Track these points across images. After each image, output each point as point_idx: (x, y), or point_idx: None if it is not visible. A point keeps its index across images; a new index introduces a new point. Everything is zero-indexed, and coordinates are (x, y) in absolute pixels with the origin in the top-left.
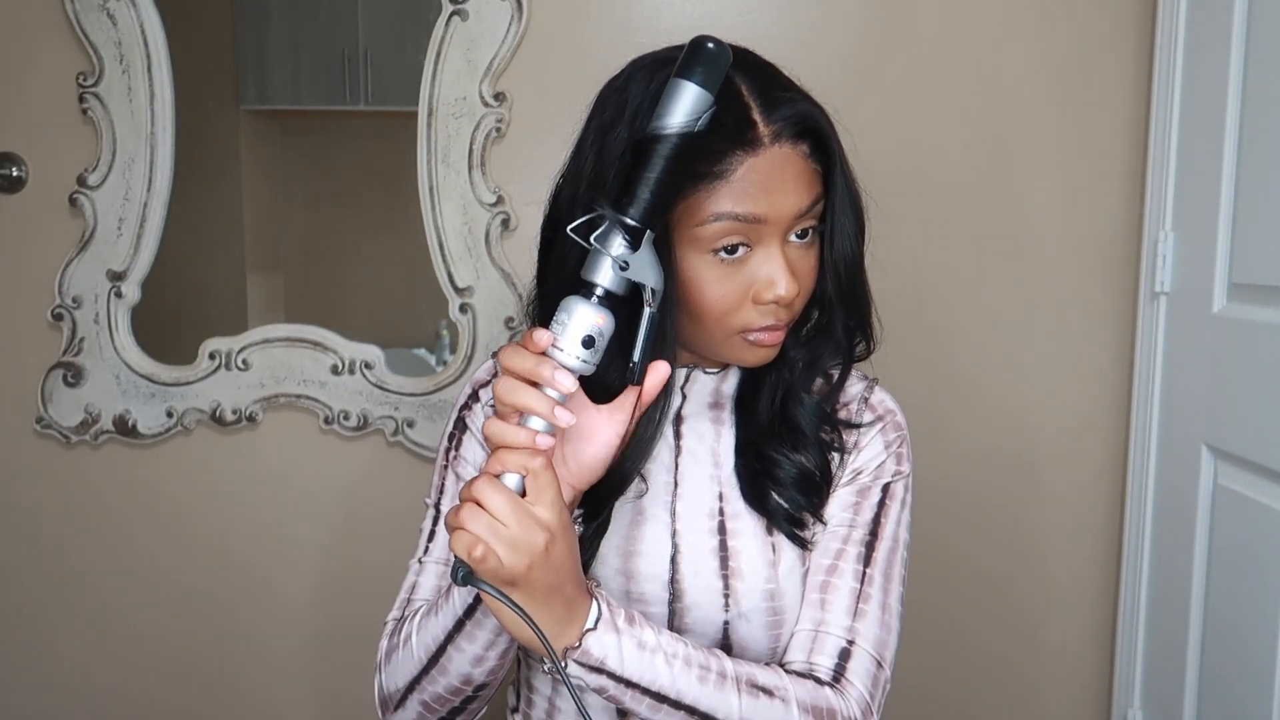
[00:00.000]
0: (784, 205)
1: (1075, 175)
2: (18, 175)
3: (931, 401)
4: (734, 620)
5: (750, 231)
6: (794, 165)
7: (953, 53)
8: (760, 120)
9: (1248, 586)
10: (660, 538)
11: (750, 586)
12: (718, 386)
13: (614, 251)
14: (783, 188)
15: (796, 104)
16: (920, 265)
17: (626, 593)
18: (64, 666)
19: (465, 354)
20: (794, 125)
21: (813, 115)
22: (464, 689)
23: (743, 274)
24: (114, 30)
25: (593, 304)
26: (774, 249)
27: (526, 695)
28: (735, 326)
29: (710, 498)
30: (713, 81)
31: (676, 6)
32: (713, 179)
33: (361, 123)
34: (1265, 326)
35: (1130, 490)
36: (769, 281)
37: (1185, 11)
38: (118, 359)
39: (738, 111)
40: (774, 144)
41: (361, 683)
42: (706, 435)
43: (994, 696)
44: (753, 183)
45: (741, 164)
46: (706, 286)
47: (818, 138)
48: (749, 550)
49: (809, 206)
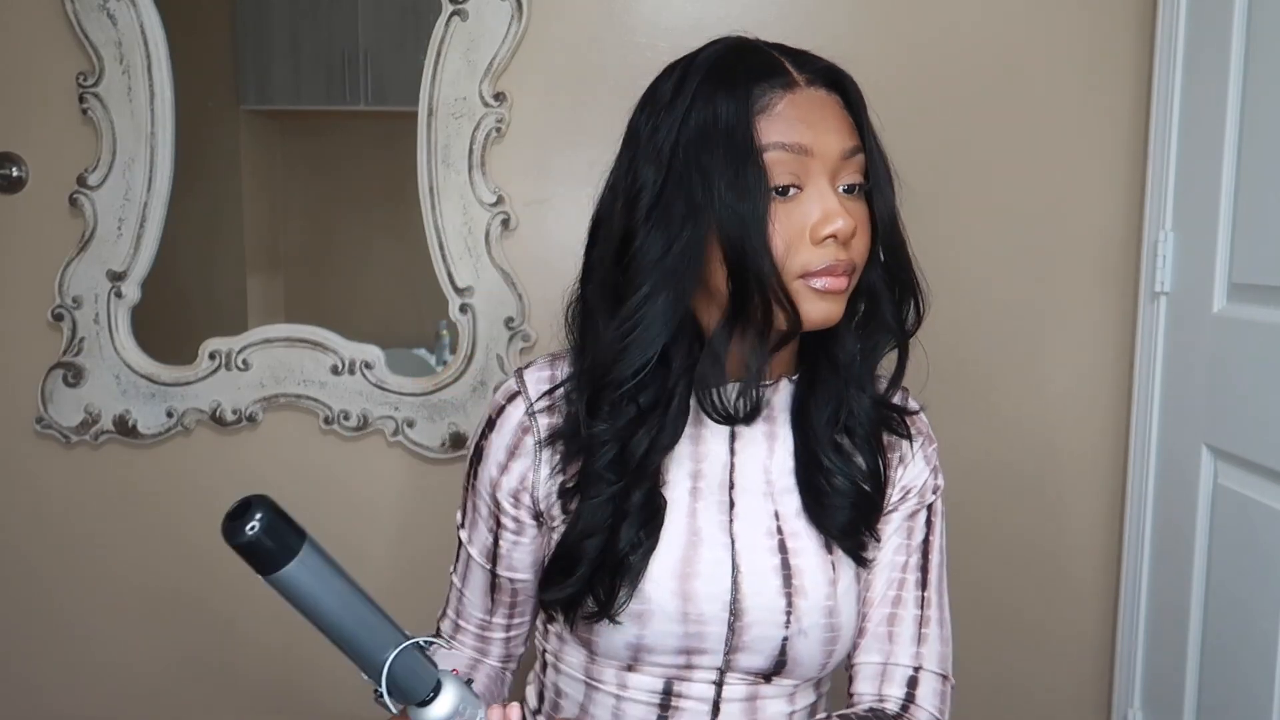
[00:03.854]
0: (828, 141)
1: (1075, 175)
2: (18, 175)
3: (930, 401)
4: (793, 637)
5: (799, 166)
6: (831, 108)
7: (952, 52)
8: (792, 69)
9: (1248, 586)
10: (720, 559)
11: (812, 604)
12: (770, 399)
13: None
14: (824, 124)
15: (822, 62)
16: (919, 265)
17: (684, 614)
18: (64, 665)
19: (465, 354)
20: (824, 75)
21: (841, 71)
22: None
23: (798, 213)
24: (114, 30)
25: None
26: (825, 186)
27: (553, 699)
28: (795, 269)
29: (767, 516)
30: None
31: (676, 6)
32: (755, 115)
33: (361, 123)
34: (1265, 326)
35: (1130, 490)
36: (825, 216)
37: (1185, 11)
38: (118, 359)
39: (770, 60)
40: (809, 86)
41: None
42: (760, 452)
43: (994, 696)
44: (794, 117)
45: (782, 99)
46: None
47: (848, 96)
48: (811, 568)
49: (852, 149)
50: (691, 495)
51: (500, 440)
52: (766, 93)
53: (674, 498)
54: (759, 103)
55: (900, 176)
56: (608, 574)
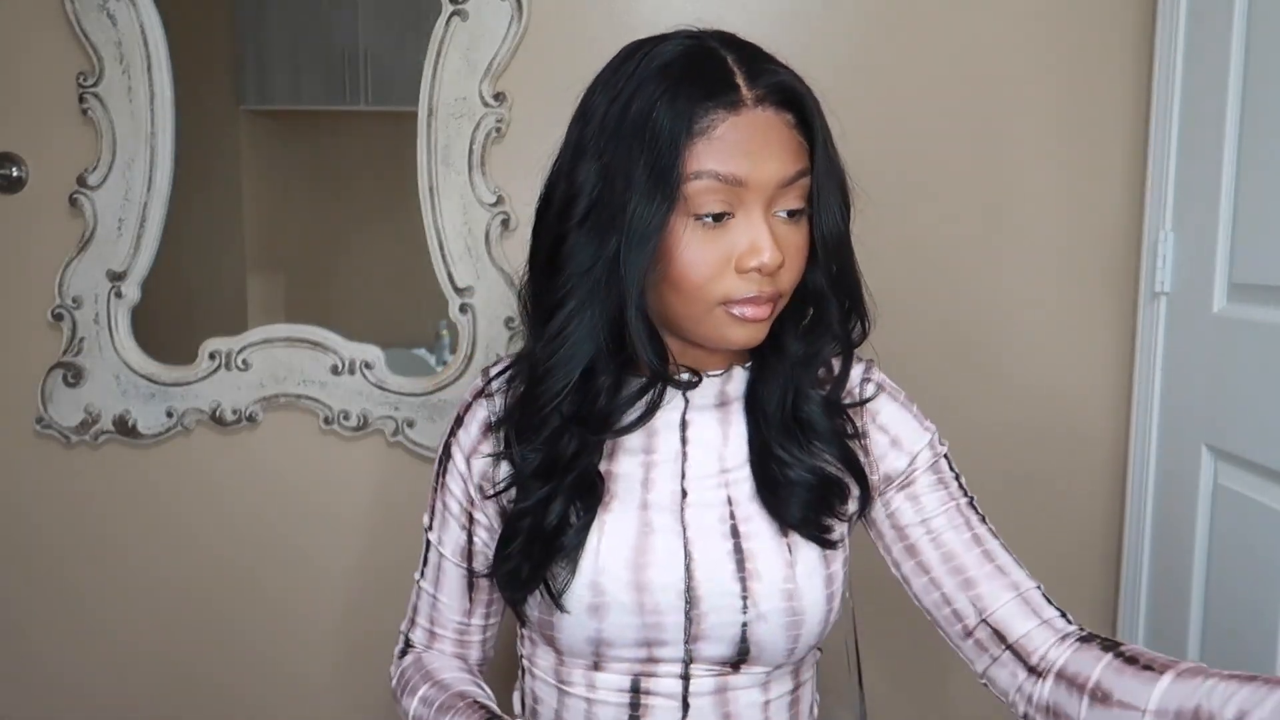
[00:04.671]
0: (766, 170)
1: (1075, 175)
2: (18, 175)
3: (930, 401)
4: (752, 622)
5: (732, 195)
6: (777, 131)
7: (952, 52)
8: (743, 84)
9: (1248, 586)
10: (672, 547)
11: (768, 587)
12: (722, 388)
13: None
14: (765, 151)
15: (780, 75)
16: (918, 265)
17: (640, 605)
18: (63, 666)
19: (465, 354)
20: (777, 92)
21: (796, 87)
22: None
23: (725, 241)
24: (114, 30)
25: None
26: (756, 216)
27: (531, 706)
28: (717, 296)
29: (719, 502)
30: None
31: (676, 6)
32: (693, 137)
33: (361, 123)
34: (1265, 326)
35: (1130, 490)
36: (751, 248)
37: (1185, 11)
38: (118, 359)
39: (721, 75)
40: (757, 106)
41: (360, 682)
42: (714, 439)
43: (994, 696)
44: (734, 142)
45: (723, 122)
46: (688, 252)
47: (802, 113)
48: (764, 552)
49: (793, 176)
50: (644, 486)
51: (467, 438)
52: (709, 113)
53: (626, 489)
54: (699, 123)
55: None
56: (544, 552)
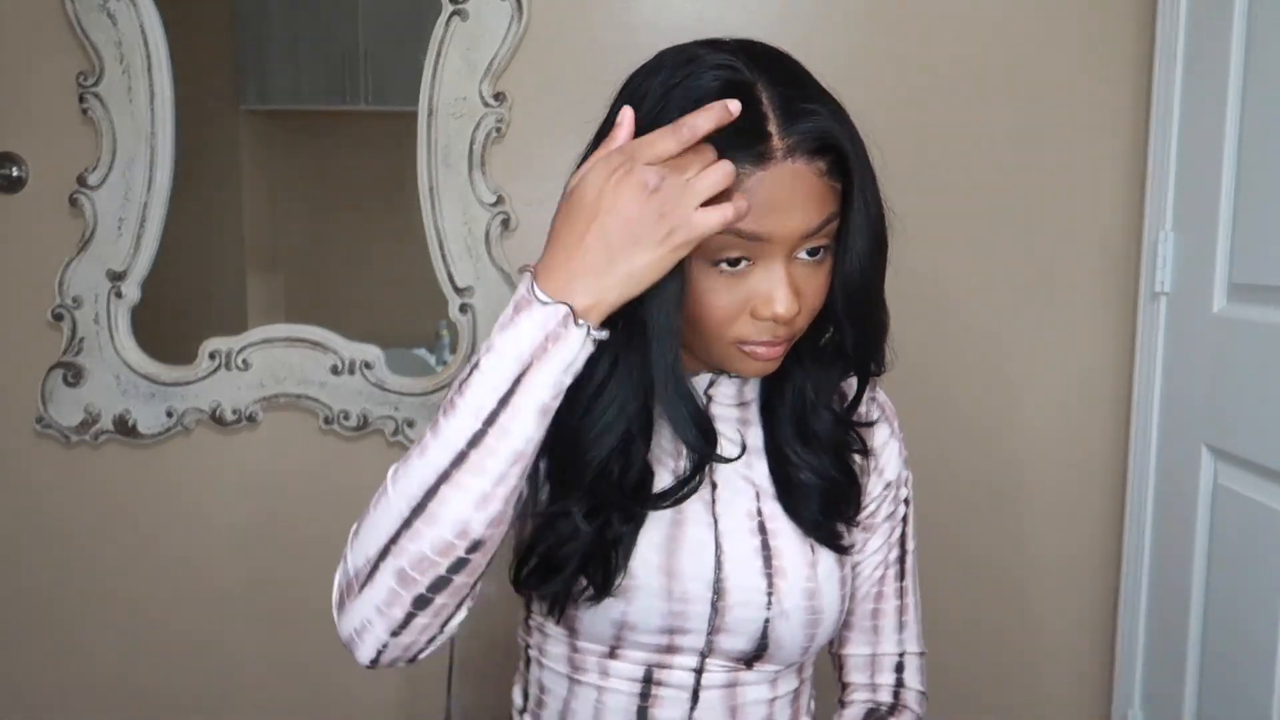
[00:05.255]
0: (790, 225)
1: (1075, 175)
2: (18, 175)
3: (931, 401)
4: (775, 619)
5: (753, 248)
6: (806, 183)
7: (952, 53)
8: (776, 132)
9: (1248, 586)
10: (704, 538)
11: (792, 585)
12: (740, 389)
13: None
14: (790, 206)
15: (818, 118)
16: (919, 265)
17: (669, 591)
18: (63, 666)
19: (465, 354)
20: (812, 140)
21: (833, 132)
22: (456, 545)
23: (744, 287)
24: (114, 30)
25: None
26: (776, 265)
27: (537, 696)
28: (731, 338)
29: (747, 498)
30: None
31: (677, 6)
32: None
33: (361, 123)
34: (1265, 326)
35: (1130, 490)
36: (768, 298)
37: (1185, 11)
38: (118, 359)
39: (754, 121)
40: (787, 159)
41: (361, 681)
42: (735, 437)
43: (995, 696)
44: (759, 199)
45: (750, 177)
46: (706, 296)
47: (838, 154)
48: (790, 550)
49: (818, 227)
50: (675, 476)
51: None
52: (736, 165)
53: (659, 478)
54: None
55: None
56: (600, 558)
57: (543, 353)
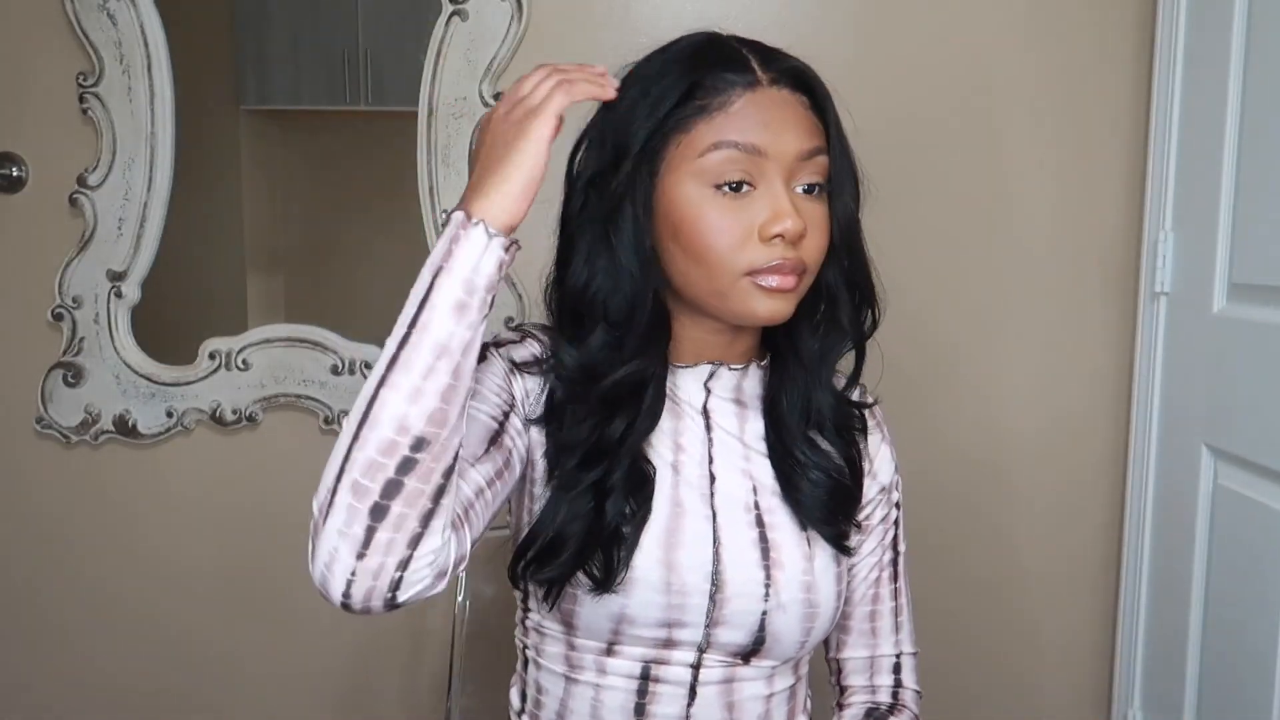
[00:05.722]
0: (785, 142)
1: (1075, 175)
2: (18, 175)
3: (931, 401)
4: (772, 611)
5: (752, 166)
6: (793, 109)
7: (951, 52)
8: (758, 67)
9: (1248, 586)
10: (702, 530)
11: (790, 578)
12: (739, 383)
13: None
14: (783, 125)
15: (793, 61)
16: (919, 265)
17: (668, 584)
18: (63, 666)
19: None
20: (791, 75)
21: (808, 73)
22: (399, 443)
23: (747, 211)
24: (114, 30)
25: None
26: (777, 186)
27: (535, 697)
28: (742, 266)
29: (745, 491)
30: None
31: (677, 7)
32: (712, 111)
33: (361, 123)
34: (1265, 326)
35: (1130, 490)
36: (774, 215)
37: (1185, 11)
38: (118, 359)
39: (737, 59)
40: (773, 86)
41: (361, 680)
42: (734, 430)
43: (994, 697)
44: (752, 116)
45: (740, 97)
46: (711, 219)
47: (815, 97)
48: (788, 543)
49: (811, 151)
50: (674, 469)
51: (519, 352)
52: (728, 88)
53: (659, 471)
54: (717, 97)
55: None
56: (600, 548)
57: (449, 256)
